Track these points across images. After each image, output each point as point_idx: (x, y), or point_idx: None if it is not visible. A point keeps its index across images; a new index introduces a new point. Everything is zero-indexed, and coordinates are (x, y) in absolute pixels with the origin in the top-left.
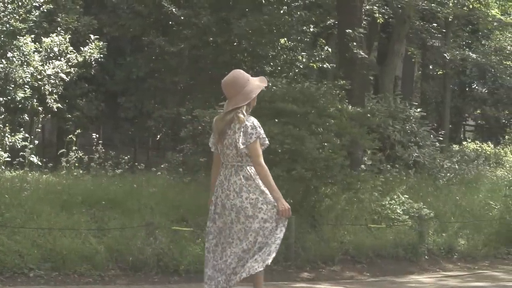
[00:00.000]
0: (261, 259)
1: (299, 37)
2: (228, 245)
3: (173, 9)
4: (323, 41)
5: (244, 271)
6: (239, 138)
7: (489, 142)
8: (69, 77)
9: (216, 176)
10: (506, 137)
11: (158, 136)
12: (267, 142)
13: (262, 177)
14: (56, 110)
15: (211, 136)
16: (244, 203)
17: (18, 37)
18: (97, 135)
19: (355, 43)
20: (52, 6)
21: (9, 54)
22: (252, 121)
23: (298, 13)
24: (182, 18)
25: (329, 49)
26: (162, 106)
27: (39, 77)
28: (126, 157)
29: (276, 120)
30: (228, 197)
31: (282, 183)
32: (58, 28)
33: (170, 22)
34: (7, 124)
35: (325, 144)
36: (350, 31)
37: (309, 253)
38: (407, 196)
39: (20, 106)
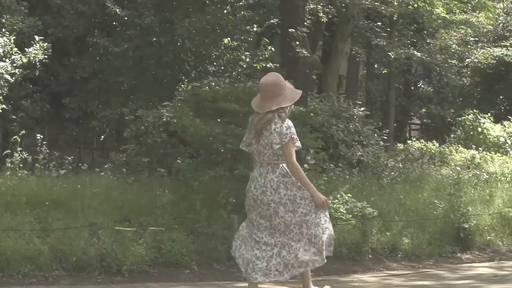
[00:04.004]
0: (317, 251)
1: (242, 37)
2: (270, 236)
3: (117, 10)
4: (267, 40)
5: (301, 265)
6: (274, 139)
7: (434, 141)
8: (13, 78)
9: None
10: (452, 135)
11: (102, 137)
12: (299, 143)
13: (296, 175)
14: (0, 111)
15: (245, 136)
16: (283, 199)
17: None
18: (42, 136)
19: (298, 42)
20: None
21: None
22: (287, 121)
23: (242, 12)
24: (125, 18)
25: (273, 49)
26: (106, 107)
27: None
28: (70, 158)
29: (219, 120)
30: (265, 194)
31: (225, 182)
32: (3, 29)
33: (114, 23)
34: None
35: None
36: (293, 30)
37: None
38: (350, 195)
39: None
